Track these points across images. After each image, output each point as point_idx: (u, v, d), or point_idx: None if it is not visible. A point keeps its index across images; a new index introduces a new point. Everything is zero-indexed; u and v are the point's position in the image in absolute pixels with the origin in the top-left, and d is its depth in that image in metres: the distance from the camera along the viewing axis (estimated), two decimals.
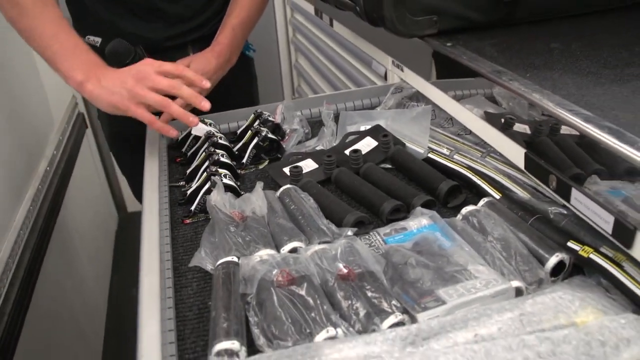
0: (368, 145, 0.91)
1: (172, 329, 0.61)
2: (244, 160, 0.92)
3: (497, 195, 0.78)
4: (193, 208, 0.81)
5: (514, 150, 0.77)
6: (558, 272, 0.67)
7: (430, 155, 0.88)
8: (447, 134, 0.93)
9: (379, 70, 1.24)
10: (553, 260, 0.66)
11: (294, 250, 0.70)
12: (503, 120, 0.82)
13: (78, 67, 0.93)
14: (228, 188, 0.81)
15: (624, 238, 0.59)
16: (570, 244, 0.67)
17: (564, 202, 0.68)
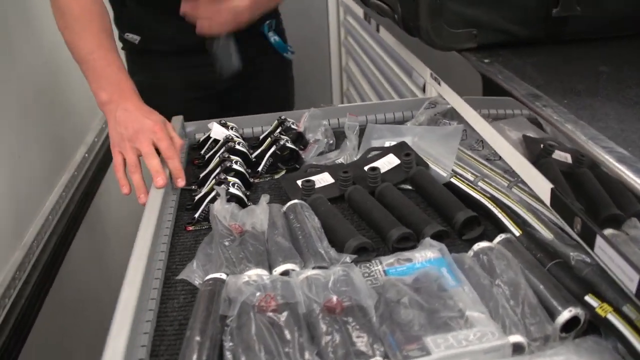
0: (389, 163, 0.86)
1: (144, 345, 0.59)
2: (260, 169, 0.89)
3: (517, 232, 0.72)
4: (197, 215, 0.79)
5: (541, 184, 0.70)
6: (571, 328, 0.60)
7: (453, 180, 0.82)
8: (475, 157, 0.86)
9: (419, 82, 1.18)
10: (565, 316, 0.59)
11: (287, 273, 0.67)
12: (542, 146, 0.75)
13: (104, 87, 0.96)
14: (234, 197, 0.79)
15: None
16: (588, 298, 0.60)
17: (588, 249, 0.61)
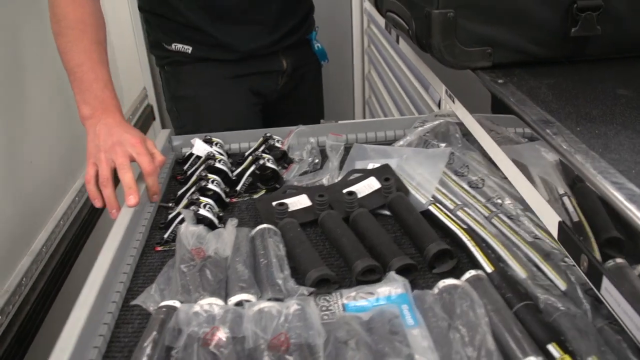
0: (370, 187, 0.84)
1: None
2: (238, 188, 0.88)
3: (489, 269, 0.68)
4: (166, 236, 0.78)
5: (549, 215, 0.65)
6: None
7: (431, 208, 0.78)
8: (459, 183, 0.83)
9: (434, 97, 1.15)
10: None
11: (241, 303, 0.65)
12: None
13: (88, 101, 0.94)
14: (204, 219, 0.77)
15: None
16: (551, 348, 0.57)
17: (595, 289, 0.56)
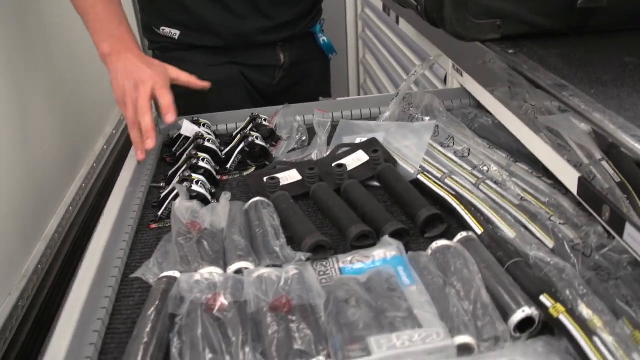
0: (358, 160, 0.85)
1: (93, 342, 0.59)
2: (229, 166, 0.89)
3: (479, 230, 0.70)
4: (160, 213, 0.79)
5: (568, 173, 0.69)
6: (525, 328, 0.59)
7: (420, 177, 0.80)
8: (445, 154, 0.85)
9: (440, 74, 1.17)
10: (518, 315, 0.58)
11: (241, 271, 0.66)
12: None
13: (106, 39, 0.97)
14: (197, 195, 0.78)
15: None
16: (543, 299, 0.59)
17: (617, 237, 0.60)
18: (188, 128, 0.92)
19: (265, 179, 0.82)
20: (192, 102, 1.05)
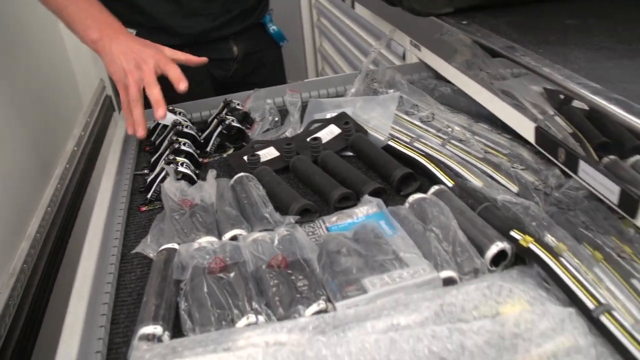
0: (331, 133, 0.91)
1: (104, 313, 0.62)
2: (208, 149, 0.93)
3: (449, 183, 0.77)
4: (149, 196, 0.82)
5: (525, 125, 0.76)
6: (500, 261, 0.65)
7: (391, 143, 0.87)
8: (411, 121, 0.91)
9: (398, 51, 1.23)
10: (493, 250, 0.64)
11: (235, 238, 0.70)
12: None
13: (92, 26, 0.97)
14: (184, 176, 0.82)
15: (629, 208, 0.58)
16: (513, 233, 0.66)
17: (572, 174, 0.67)
18: (167, 116, 0.96)
19: (246, 157, 0.87)
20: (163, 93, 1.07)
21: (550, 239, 0.65)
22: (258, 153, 0.87)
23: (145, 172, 0.90)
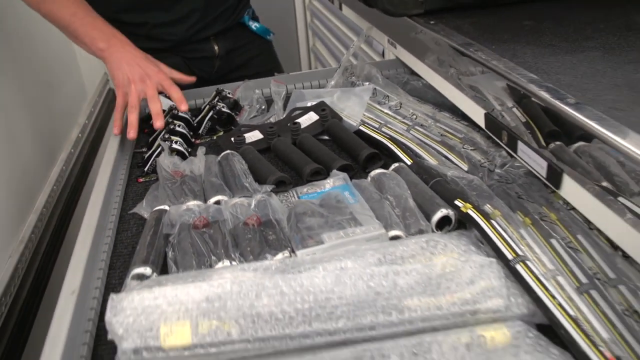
0: (310, 119, 1.02)
1: (103, 259, 0.73)
2: (200, 131, 1.04)
3: (408, 162, 0.87)
4: (146, 169, 0.93)
5: (477, 111, 0.86)
6: (444, 226, 0.76)
7: (362, 128, 0.97)
8: (381, 109, 1.02)
9: (378, 49, 1.34)
10: (438, 215, 0.75)
11: (219, 203, 0.81)
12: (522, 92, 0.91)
13: (99, 37, 1.06)
14: (177, 153, 0.93)
15: (555, 180, 0.68)
16: (457, 202, 0.76)
17: (513, 153, 0.77)
18: (163, 102, 1.07)
19: (233, 139, 0.98)
20: None
21: (488, 207, 0.75)
22: (244, 135, 0.98)
23: (144, 150, 1.01)
